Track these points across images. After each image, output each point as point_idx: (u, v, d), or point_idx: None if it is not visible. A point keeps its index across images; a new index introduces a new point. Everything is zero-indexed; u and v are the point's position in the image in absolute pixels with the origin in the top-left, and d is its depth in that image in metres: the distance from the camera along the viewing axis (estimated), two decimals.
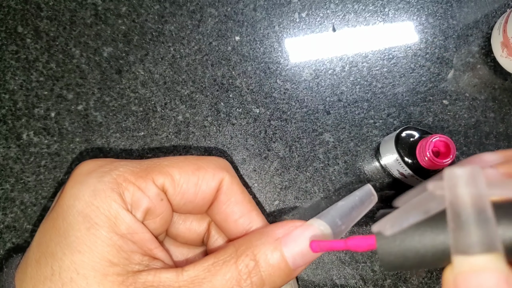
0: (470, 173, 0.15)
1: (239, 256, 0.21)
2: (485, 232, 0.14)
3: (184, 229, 0.26)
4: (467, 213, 0.14)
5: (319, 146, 0.37)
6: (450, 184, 0.15)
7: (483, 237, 0.14)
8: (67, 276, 0.19)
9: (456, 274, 0.15)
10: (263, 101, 0.38)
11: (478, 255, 0.14)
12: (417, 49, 0.39)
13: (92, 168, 0.22)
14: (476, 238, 0.14)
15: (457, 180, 0.15)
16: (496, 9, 0.40)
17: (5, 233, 0.35)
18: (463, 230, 0.14)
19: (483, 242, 0.14)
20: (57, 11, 0.38)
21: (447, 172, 0.15)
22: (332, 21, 0.39)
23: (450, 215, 0.15)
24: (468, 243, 0.14)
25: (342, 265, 0.36)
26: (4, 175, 0.35)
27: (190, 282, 0.20)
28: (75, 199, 0.20)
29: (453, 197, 0.15)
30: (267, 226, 0.23)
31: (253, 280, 0.20)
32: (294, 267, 0.21)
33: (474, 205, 0.15)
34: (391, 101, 0.38)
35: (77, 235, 0.20)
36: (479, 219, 0.14)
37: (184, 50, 0.38)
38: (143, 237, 0.21)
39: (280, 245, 0.21)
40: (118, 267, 0.20)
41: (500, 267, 0.14)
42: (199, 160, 0.24)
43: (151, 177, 0.22)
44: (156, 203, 0.22)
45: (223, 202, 0.24)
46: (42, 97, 0.36)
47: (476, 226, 0.14)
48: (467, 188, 0.15)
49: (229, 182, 0.24)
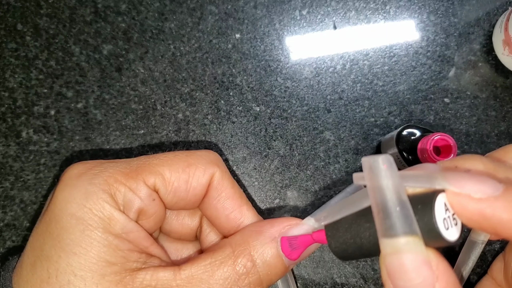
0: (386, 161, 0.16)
1: (237, 257, 0.21)
2: (404, 217, 0.15)
3: (177, 225, 0.26)
4: (387, 200, 0.16)
5: (319, 144, 0.37)
6: (369, 173, 0.16)
7: (403, 222, 0.15)
8: (64, 278, 0.19)
9: (383, 256, 0.16)
10: (263, 99, 0.38)
11: (399, 237, 0.15)
12: (418, 47, 0.39)
13: (82, 170, 0.22)
14: (397, 222, 0.15)
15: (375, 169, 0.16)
16: (497, 7, 0.40)
17: (5, 231, 0.35)
18: (385, 215, 0.16)
19: (403, 226, 0.15)
20: (56, 9, 0.37)
21: (364, 160, 0.16)
22: (333, 18, 0.39)
23: (372, 202, 0.16)
24: (390, 227, 0.15)
25: (343, 263, 0.36)
26: (4, 173, 0.35)
27: (187, 282, 0.20)
28: (67, 202, 0.20)
29: (373, 185, 0.16)
30: (262, 224, 0.23)
31: (251, 280, 0.21)
32: (288, 265, 0.22)
33: (392, 192, 0.16)
34: (392, 99, 0.38)
35: (72, 238, 0.20)
36: (398, 205, 0.15)
37: (184, 48, 0.38)
38: (139, 236, 0.21)
39: (277, 244, 0.21)
40: (115, 266, 0.20)
41: (420, 249, 0.15)
42: (189, 157, 0.23)
43: (141, 177, 0.22)
44: (148, 203, 0.22)
45: (213, 197, 0.24)
46: (42, 95, 0.36)
47: (396, 211, 0.15)
48: (385, 176, 0.16)
49: (220, 177, 0.24)
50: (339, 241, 0.19)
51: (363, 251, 0.18)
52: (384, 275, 0.16)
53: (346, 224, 0.19)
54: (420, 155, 0.32)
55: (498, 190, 0.15)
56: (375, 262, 0.36)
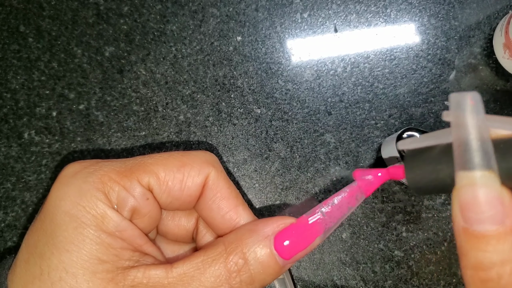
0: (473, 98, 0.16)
1: (229, 254, 0.21)
2: (483, 153, 0.16)
3: (173, 226, 0.26)
4: (469, 133, 0.16)
5: (320, 146, 0.37)
6: (455, 108, 0.17)
7: (482, 157, 0.16)
8: (56, 275, 0.19)
9: (458, 188, 0.16)
10: (264, 101, 0.38)
11: (476, 170, 0.16)
12: (419, 50, 0.39)
13: (77, 169, 0.22)
14: (475, 156, 0.16)
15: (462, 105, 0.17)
16: (498, 10, 0.40)
17: (6, 232, 0.35)
18: (465, 148, 0.16)
19: (481, 160, 0.16)
20: (59, 11, 0.38)
21: (452, 96, 0.17)
22: (334, 21, 0.39)
23: (454, 135, 0.17)
24: (468, 160, 0.16)
25: (343, 266, 0.36)
26: (5, 174, 0.35)
27: (179, 279, 0.20)
28: (61, 199, 0.20)
29: (458, 119, 0.17)
30: (257, 223, 0.23)
31: (242, 278, 0.20)
32: (283, 264, 0.21)
33: (475, 127, 0.16)
34: (393, 102, 0.38)
35: (65, 235, 0.20)
36: (479, 140, 0.16)
37: (185, 50, 0.38)
38: (132, 234, 0.21)
39: (270, 243, 0.21)
40: (107, 264, 0.20)
41: (494, 185, 0.16)
42: (184, 156, 0.23)
43: (135, 176, 0.22)
44: (142, 202, 0.22)
45: (209, 198, 0.24)
46: (44, 96, 0.36)
47: (476, 147, 0.16)
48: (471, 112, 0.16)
49: (215, 177, 0.24)
50: (416, 173, 0.20)
51: (438, 184, 0.19)
52: (455, 209, 0.16)
53: (426, 157, 0.20)
54: None
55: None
56: (375, 264, 0.36)
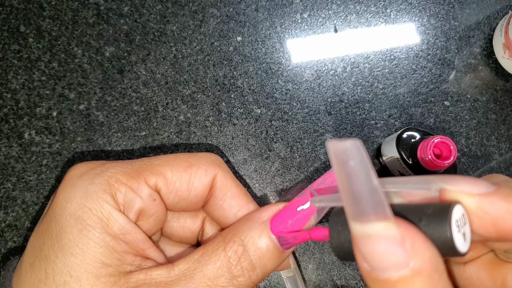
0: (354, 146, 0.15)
1: (227, 243, 0.21)
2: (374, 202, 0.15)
3: (178, 227, 0.26)
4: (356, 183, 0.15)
5: (320, 146, 0.37)
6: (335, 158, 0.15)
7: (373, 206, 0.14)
8: (61, 279, 0.19)
9: (355, 239, 0.15)
10: (264, 101, 0.38)
11: (370, 222, 0.15)
12: (418, 50, 0.39)
13: (84, 170, 0.22)
14: (367, 206, 0.15)
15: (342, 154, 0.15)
16: (498, 10, 0.40)
17: (7, 232, 0.35)
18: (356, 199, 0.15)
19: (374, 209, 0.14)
20: (59, 11, 0.38)
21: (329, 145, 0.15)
22: (334, 22, 0.39)
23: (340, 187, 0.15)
24: (361, 211, 0.15)
25: (343, 265, 0.36)
26: (6, 174, 0.35)
27: (181, 275, 0.20)
28: (67, 201, 0.20)
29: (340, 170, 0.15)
30: (251, 212, 0.23)
31: (243, 265, 0.20)
32: (283, 248, 0.21)
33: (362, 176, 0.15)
34: (393, 102, 0.38)
35: (69, 238, 0.20)
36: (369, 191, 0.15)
37: (186, 50, 0.38)
38: (136, 238, 0.21)
39: (266, 228, 0.21)
40: (110, 268, 0.20)
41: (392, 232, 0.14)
42: (190, 157, 0.23)
43: (143, 177, 0.22)
44: (149, 204, 0.22)
45: (219, 198, 0.24)
46: (44, 96, 0.36)
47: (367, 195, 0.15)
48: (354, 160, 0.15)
49: (223, 177, 0.24)
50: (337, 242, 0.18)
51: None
52: (358, 258, 0.15)
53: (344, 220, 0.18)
54: (420, 158, 0.32)
55: (491, 188, 0.16)
56: None
